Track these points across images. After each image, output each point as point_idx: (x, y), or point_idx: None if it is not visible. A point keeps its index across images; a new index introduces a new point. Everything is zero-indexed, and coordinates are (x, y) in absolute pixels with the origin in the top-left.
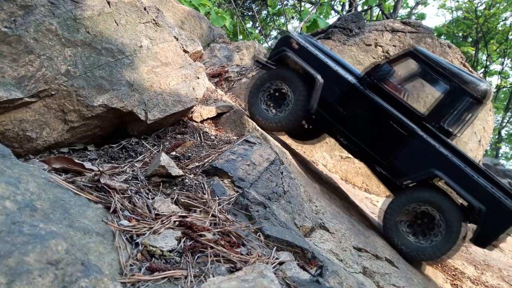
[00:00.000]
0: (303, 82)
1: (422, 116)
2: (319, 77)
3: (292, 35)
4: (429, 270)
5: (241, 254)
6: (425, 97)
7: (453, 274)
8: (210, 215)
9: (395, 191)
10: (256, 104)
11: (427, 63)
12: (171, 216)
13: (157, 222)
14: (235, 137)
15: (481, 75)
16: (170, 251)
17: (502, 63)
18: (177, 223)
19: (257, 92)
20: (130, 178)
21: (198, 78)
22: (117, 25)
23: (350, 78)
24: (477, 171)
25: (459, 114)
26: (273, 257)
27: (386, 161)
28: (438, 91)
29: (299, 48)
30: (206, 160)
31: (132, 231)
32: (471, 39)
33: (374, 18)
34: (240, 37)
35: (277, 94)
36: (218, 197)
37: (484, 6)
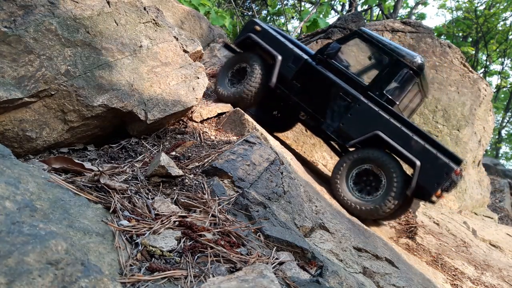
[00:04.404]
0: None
1: (365, 86)
2: (279, 56)
3: (256, 20)
4: (429, 270)
5: (241, 254)
6: (369, 70)
7: (453, 274)
8: (210, 215)
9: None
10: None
11: (370, 40)
12: (171, 216)
13: (157, 222)
14: (235, 137)
15: (481, 75)
16: (170, 251)
17: (502, 63)
18: (177, 223)
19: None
20: (130, 178)
21: (198, 78)
22: (117, 25)
23: (304, 56)
24: (415, 132)
25: (398, 84)
26: (273, 257)
27: (336, 127)
28: (379, 64)
29: (262, 31)
30: (206, 160)
31: (132, 231)
32: (471, 39)
33: (374, 18)
34: None
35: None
36: (218, 197)
37: (484, 6)
